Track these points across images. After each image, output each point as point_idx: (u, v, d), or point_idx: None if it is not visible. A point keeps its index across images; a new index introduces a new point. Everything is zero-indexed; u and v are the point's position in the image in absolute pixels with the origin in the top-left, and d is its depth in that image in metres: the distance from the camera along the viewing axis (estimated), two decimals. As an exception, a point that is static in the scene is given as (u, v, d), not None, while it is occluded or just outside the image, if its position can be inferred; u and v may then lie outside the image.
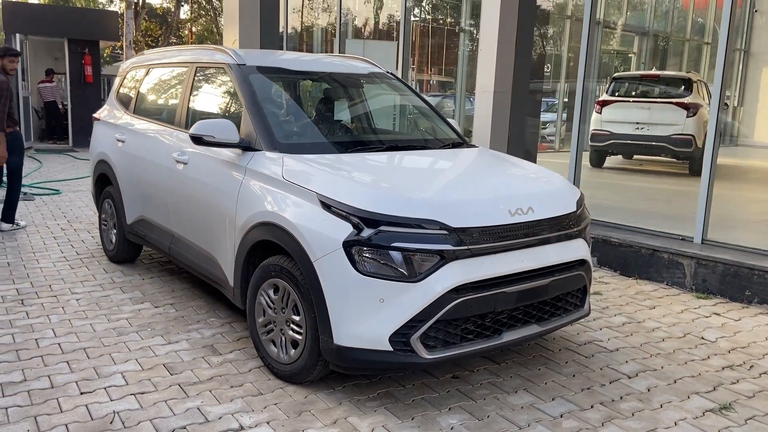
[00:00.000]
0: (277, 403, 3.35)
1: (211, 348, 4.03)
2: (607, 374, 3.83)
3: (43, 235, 6.92)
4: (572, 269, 3.67)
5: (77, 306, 4.74)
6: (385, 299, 3.10)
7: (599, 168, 12.30)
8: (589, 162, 12.31)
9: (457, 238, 3.18)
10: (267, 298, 3.64)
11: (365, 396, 3.45)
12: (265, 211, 3.59)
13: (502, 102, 7.06)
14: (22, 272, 5.54)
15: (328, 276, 3.19)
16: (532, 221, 3.46)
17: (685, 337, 4.48)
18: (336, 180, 3.42)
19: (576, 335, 4.42)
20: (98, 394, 3.39)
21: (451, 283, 3.12)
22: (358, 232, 3.13)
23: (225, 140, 3.87)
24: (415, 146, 4.39)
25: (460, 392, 3.53)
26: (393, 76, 5.03)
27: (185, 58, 4.96)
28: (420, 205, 3.21)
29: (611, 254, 6.09)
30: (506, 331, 3.44)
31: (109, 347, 4.01)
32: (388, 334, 3.12)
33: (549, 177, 4.01)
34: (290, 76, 4.60)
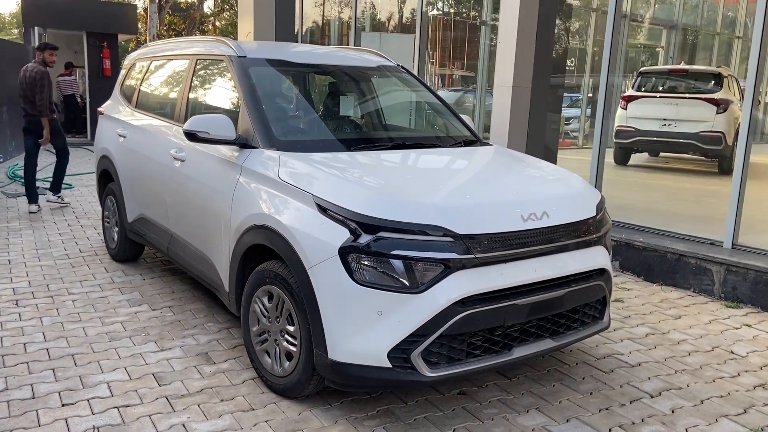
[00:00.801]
0: (269, 420, 3.12)
1: (205, 356, 3.82)
2: (628, 392, 3.54)
3: (48, 231, 6.78)
4: (590, 279, 3.38)
5: (72, 308, 4.56)
6: (383, 311, 2.85)
7: (624, 166, 11.90)
8: (613, 159, 11.94)
9: (463, 245, 2.91)
10: (261, 306, 3.41)
11: (363, 414, 3.20)
12: (259, 213, 3.36)
13: (521, 97, 6.76)
14: (21, 270, 5.39)
15: (323, 285, 2.94)
16: (547, 227, 3.18)
17: (713, 351, 4.16)
18: (334, 181, 3.17)
19: (594, 347, 4.13)
20: (80, 407, 3.19)
21: (456, 295, 2.86)
22: (355, 239, 2.88)
23: (220, 137, 3.64)
24: (425, 144, 4.12)
25: (467, 411, 3.27)
26: (404, 70, 4.76)
27: (186, 50, 4.75)
28: (423, 210, 2.95)
29: (634, 258, 5.77)
30: (517, 347, 3.17)
31: (99, 354, 3.81)
32: (386, 350, 2.87)
33: (567, 179, 3.71)
34: (294, 69, 4.35)
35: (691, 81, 11.99)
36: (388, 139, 4.19)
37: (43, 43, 7.89)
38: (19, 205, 8.14)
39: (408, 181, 3.37)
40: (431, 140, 4.31)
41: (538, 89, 6.96)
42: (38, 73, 7.47)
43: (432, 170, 3.73)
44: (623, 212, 6.71)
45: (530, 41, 6.73)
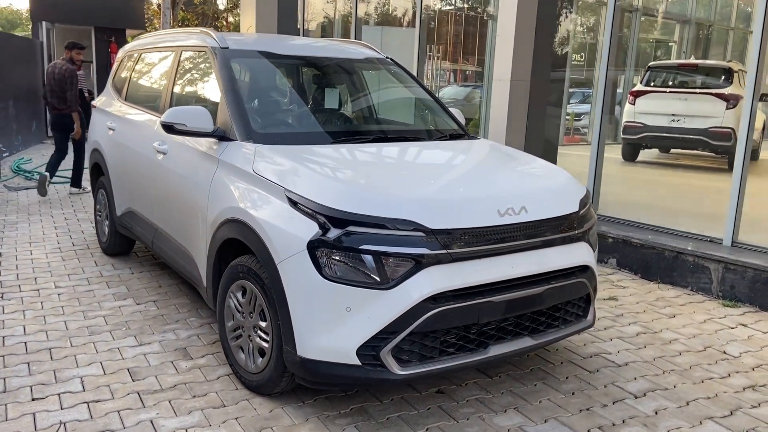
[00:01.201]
0: (239, 417, 3.07)
1: (183, 351, 3.77)
2: (611, 393, 3.45)
3: (45, 225, 6.78)
4: (572, 276, 3.29)
5: (57, 301, 4.54)
6: (352, 308, 2.78)
7: (632, 162, 11.74)
8: (621, 156, 11.77)
9: (435, 240, 2.83)
10: (236, 301, 3.35)
11: (336, 411, 3.14)
12: (233, 207, 3.30)
13: (519, 91, 6.65)
14: (11, 263, 5.39)
15: (292, 280, 2.88)
16: (525, 222, 3.09)
17: (705, 351, 4.05)
18: (306, 174, 3.10)
19: (582, 346, 4.04)
20: (50, 402, 3.15)
21: (427, 291, 2.78)
22: (324, 233, 2.81)
23: (197, 129, 3.58)
24: (407, 137, 4.04)
25: (442, 410, 3.19)
26: (393, 62, 4.68)
27: (172, 42, 4.70)
28: (394, 204, 2.87)
29: (632, 256, 5.65)
30: (494, 345, 3.08)
31: (77, 348, 3.78)
32: (355, 347, 2.80)
33: (551, 173, 3.62)
34: (277, 60, 4.28)
35: (701, 76, 11.79)
36: (370, 132, 4.11)
37: (71, 42, 8.58)
38: (19, 199, 8.16)
39: (382, 175, 3.30)
40: (415, 133, 4.23)
41: (537, 83, 6.85)
42: (67, 71, 8.06)
43: (409, 164, 3.65)
44: (624, 209, 6.59)
45: (529, 34, 6.62)
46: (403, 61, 4.74)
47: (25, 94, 13.09)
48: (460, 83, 14.01)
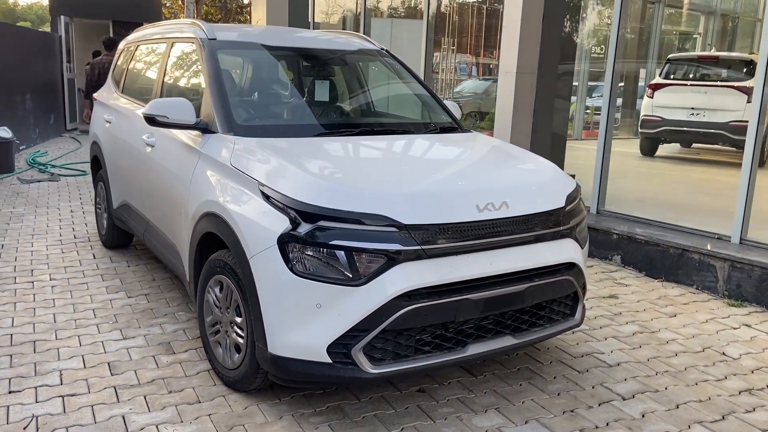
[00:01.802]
0: (212, 414, 3.02)
1: (166, 345, 3.75)
2: (599, 394, 3.34)
3: (50, 217, 6.83)
4: (557, 273, 3.19)
5: (50, 293, 4.55)
6: (323, 304, 2.72)
7: (651, 157, 11.50)
8: (639, 150, 11.54)
9: (408, 236, 2.75)
10: (214, 296, 3.31)
11: (311, 410, 3.08)
12: (210, 201, 3.26)
13: (525, 84, 6.52)
14: (11, 255, 5.42)
15: (263, 275, 2.82)
16: (505, 218, 2.99)
17: (703, 352, 3.91)
18: (280, 167, 3.03)
19: (574, 345, 3.93)
20: (26, 395, 3.14)
21: (399, 288, 2.71)
22: (295, 227, 2.75)
23: (179, 121, 3.54)
24: (395, 130, 3.96)
25: (420, 409, 3.11)
26: (387, 54, 4.59)
27: (166, 33, 4.67)
28: (366, 198, 2.80)
29: (636, 253, 5.50)
30: (473, 344, 3.00)
31: (62, 341, 3.77)
32: (325, 345, 2.74)
33: (539, 168, 3.51)
34: (266, 52, 4.22)
35: (722, 68, 11.50)
36: (357, 125, 4.03)
37: (110, 38, 9.57)
38: (30, 191, 8.24)
39: (359, 168, 3.22)
40: (405, 126, 4.13)
41: (545, 76, 6.71)
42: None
43: (391, 157, 3.56)
44: (634, 205, 6.44)
45: (536, 25, 6.48)
46: (413, 54, 4.65)
47: (43, 88, 13.23)
48: (481, 77, 13.83)
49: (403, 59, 4.63)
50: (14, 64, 11.43)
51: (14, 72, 11.39)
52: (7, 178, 9.15)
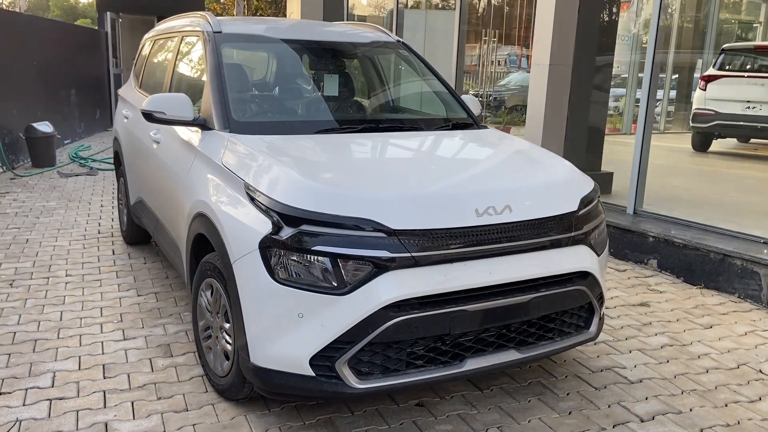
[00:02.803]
0: (197, 424, 2.90)
1: (165, 348, 3.65)
2: (614, 414, 3.07)
3: (80, 212, 6.88)
4: (568, 283, 2.93)
5: (62, 290, 4.53)
6: (305, 314, 2.55)
7: (703, 153, 10.94)
8: (691, 145, 10.99)
9: (398, 242, 2.55)
10: (205, 300, 3.18)
11: (300, 423, 2.92)
12: (201, 200, 3.13)
13: (559, 76, 6.20)
14: (33, 250, 5.45)
15: (245, 281, 2.67)
16: (507, 223, 2.75)
17: (737, 369, 3.58)
18: (268, 167, 2.87)
19: (595, 359, 3.65)
20: (14, 397, 3.09)
21: (386, 299, 2.51)
22: (277, 231, 2.58)
23: (176, 117, 3.43)
24: (403, 127, 3.75)
25: (416, 426, 2.92)
26: (403, 46, 4.38)
27: (177, 27, 4.57)
28: (353, 201, 2.61)
29: (674, 257, 5.15)
30: (471, 358, 2.78)
31: (62, 340, 3.72)
32: (308, 357, 2.57)
33: (552, 168, 3.25)
34: (272, 45, 4.07)
35: (781, 59, 10.83)
36: (361, 121, 3.83)
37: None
38: (66, 185, 8.36)
39: (350, 168, 3.03)
40: (413, 123, 3.91)
41: (581, 68, 6.37)
42: None
43: (387, 156, 3.35)
44: (677, 205, 6.06)
45: (571, 15, 6.15)
46: (446, 46, 4.41)
47: (89, 83, 13.50)
48: (529, 69, 13.44)
49: (438, 51, 4.42)
50: (60, 60, 11.67)
51: (59, 68, 11.63)
52: (48, 171, 9.32)
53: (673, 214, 5.62)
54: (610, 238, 5.52)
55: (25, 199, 7.47)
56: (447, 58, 7.89)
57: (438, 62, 8.16)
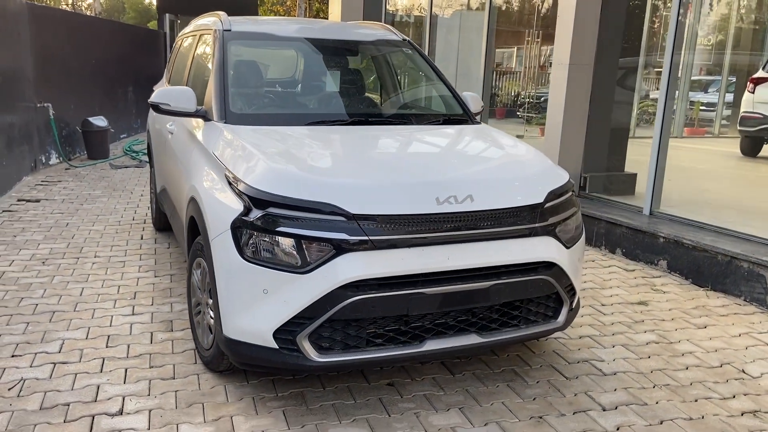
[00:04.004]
0: (179, 390, 3.15)
1: (167, 323, 3.93)
2: (578, 402, 3.15)
3: (120, 200, 7.32)
4: (531, 272, 3.04)
5: (88, 269, 4.89)
6: (269, 290, 2.75)
7: (752, 158, 10.60)
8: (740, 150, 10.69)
9: (356, 226, 2.72)
10: (196, 278, 3.43)
11: (273, 394, 3.13)
12: (193, 185, 3.38)
13: (579, 76, 6.22)
14: (71, 233, 5.87)
15: (219, 259, 2.90)
16: (467, 212, 2.88)
17: (719, 368, 3.59)
18: (246, 153, 3.09)
19: (575, 351, 3.72)
20: (24, 359, 3.41)
21: (343, 278, 2.69)
22: (246, 213, 2.80)
23: (180, 109, 3.70)
24: (392, 121, 3.91)
25: (381, 402, 3.08)
26: (408, 44, 4.54)
27: (199, 26, 4.87)
28: (316, 186, 2.79)
29: (683, 259, 5.12)
30: (431, 339, 2.93)
31: (77, 313, 4.05)
32: (271, 330, 2.77)
33: (524, 161, 3.35)
34: (277, 42, 4.30)
35: (837, 61, 10.40)
36: (352, 115, 3.99)
37: None
38: (115, 176, 8.87)
39: (323, 157, 3.21)
40: (404, 117, 4.06)
41: (603, 69, 6.37)
42: None
43: (364, 147, 3.51)
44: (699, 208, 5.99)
45: (593, 14, 6.15)
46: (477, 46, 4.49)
47: (147, 81, 14.14)
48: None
49: (473, 51, 4.53)
50: (118, 59, 12.32)
51: (118, 66, 12.29)
52: (101, 163, 9.89)
53: (692, 217, 5.54)
54: (622, 238, 5.54)
55: (74, 187, 7.98)
56: (478, 58, 7.98)
57: (470, 62, 8.27)
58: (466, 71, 8.30)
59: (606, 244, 5.79)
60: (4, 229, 5.91)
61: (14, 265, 4.92)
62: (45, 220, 6.32)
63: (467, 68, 8.23)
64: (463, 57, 8.47)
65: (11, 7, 8.13)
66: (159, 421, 2.87)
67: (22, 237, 5.68)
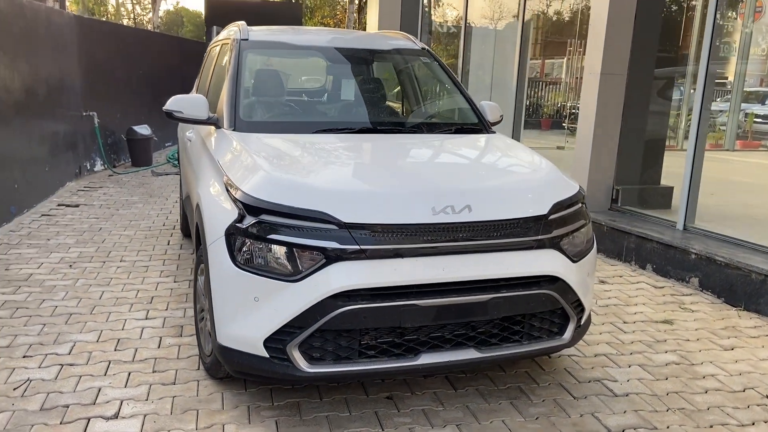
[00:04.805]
0: (177, 396, 3.16)
1: (178, 329, 3.97)
2: (582, 424, 3.02)
3: (154, 207, 7.48)
4: (533, 286, 2.93)
5: (112, 273, 4.99)
6: (260, 298, 2.74)
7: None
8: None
9: (348, 235, 2.69)
10: (200, 284, 3.45)
11: (269, 403, 3.10)
12: (198, 192, 3.41)
13: (611, 86, 6.05)
14: (102, 237, 6.02)
15: (213, 265, 2.90)
16: (465, 223, 2.81)
17: (741, 393, 3.39)
18: (245, 161, 3.09)
19: (587, 369, 3.58)
20: (34, 360, 3.49)
21: (333, 288, 2.65)
22: (240, 220, 2.79)
23: (192, 116, 3.74)
24: (402, 130, 3.86)
25: (377, 416, 3.02)
26: (427, 53, 4.49)
27: (223, 36, 4.94)
28: (308, 194, 2.77)
29: (715, 276, 4.89)
30: (426, 353, 2.86)
31: (93, 316, 4.13)
32: (262, 338, 2.75)
33: (531, 172, 3.25)
34: (292, 51, 4.32)
35: None
36: (361, 123, 3.95)
37: None
38: (154, 183, 9.09)
39: (320, 165, 3.17)
40: (414, 126, 4.00)
41: (637, 78, 6.18)
42: None
43: (365, 155, 3.47)
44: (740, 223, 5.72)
45: (626, 22, 5.98)
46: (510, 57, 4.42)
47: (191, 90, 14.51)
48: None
49: (506, 62, 4.46)
50: (164, 69, 12.66)
51: (164, 76, 12.62)
52: (144, 170, 10.15)
53: (730, 233, 5.29)
54: (653, 253, 5.34)
55: (113, 193, 8.21)
56: (511, 68, 7.87)
57: (505, 73, 8.16)
58: (502, 81, 8.19)
59: (636, 260, 5.58)
60: (39, 233, 6.10)
61: (42, 268, 5.06)
62: (80, 224, 6.50)
63: (503, 79, 8.12)
64: (498, 67, 8.37)
65: (59, 20, 8.45)
66: (152, 426, 2.88)
67: (54, 240, 5.85)
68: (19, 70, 6.96)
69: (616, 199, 6.30)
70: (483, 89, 8.63)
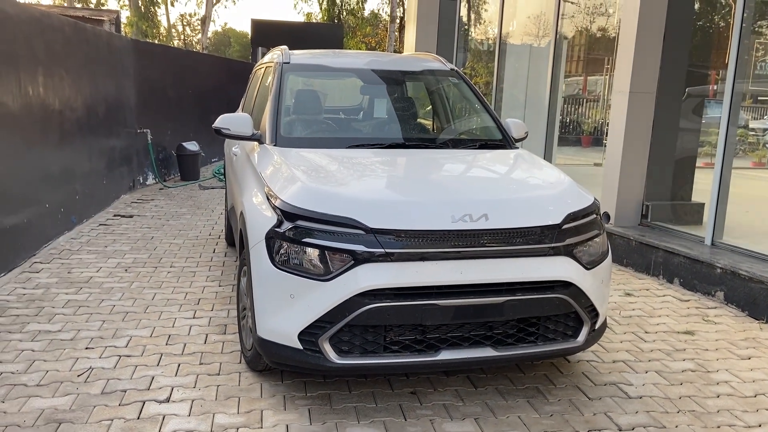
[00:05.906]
0: (221, 385, 3.48)
1: (222, 327, 4.31)
2: (595, 422, 3.22)
3: (201, 217, 7.92)
4: (547, 291, 3.17)
5: (163, 277, 5.38)
6: (295, 295, 3.04)
7: None
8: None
9: (374, 239, 2.98)
10: (243, 284, 3.78)
11: (302, 394, 3.40)
12: (242, 201, 3.75)
13: (640, 105, 6.22)
14: (154, 245, 6.45)
15: (255, 265, 3.23)
16: (482, 230, 3.07)
17: (753, 398, 3.54)
18: (283, 173, 3.42)
19: (604, 373, 3.77)
20: (95, 351, 3.87)
21: (360, 287, 2.94)
22: (279, 225, 3.11)
23: (239, 133, 4.10)
24: (430, 145, 4.15)
25: (401, 408, 3.28)
26: (456, 74, 4.78)
27: (267, 59, 5.33)
28: (339, 202, 3.08)
29: (740, 290, 5.00)
30: (446, 349, 3.11)
31: (147, 314, 4.51)
32: (297, 332, 3.05)
33: (545, 185, 3.49)
34: (329, 73, 4.67)
35: None
36: (391, 139, 4.25)
37: None
38: (202, 196, 9.56)
39: (352, 176, 3.47)
40: (442, 141, 4.29)
41: (667, 96, 6.33)
42: None
43: (393, 168, 3.77)
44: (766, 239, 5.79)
45: (655, 39, 6.15)
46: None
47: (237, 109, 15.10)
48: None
49: (539, 80, 4.63)
50: (212, 89, 13.25)
51: (212, 95, 13.21)
52: (192, 184, 10.67)
53: (759, 249, 5.37)
54: (680, 268, 5.47)
55: (164, 205, 8.69)
56: (544, 85, 8.09)
57: (539, 90, 8.37)
58: (535, 99, 8.40)
59: (664, 274, 5.71)
60: (97, 240, 6.57)
61: (101, 272, 5.49)
62: (134, 233, 6.95)
63: (536, 96, 8.34)
64: (532, 85, 8.59)
65: (117, 44, 9.04)
66: (199, 409, 3.21)
67: (111, 248, 6.30)
68: (82, 90, 7.52)
69: (646, 214, 6.44)
70: (517, 106, 8.85)
